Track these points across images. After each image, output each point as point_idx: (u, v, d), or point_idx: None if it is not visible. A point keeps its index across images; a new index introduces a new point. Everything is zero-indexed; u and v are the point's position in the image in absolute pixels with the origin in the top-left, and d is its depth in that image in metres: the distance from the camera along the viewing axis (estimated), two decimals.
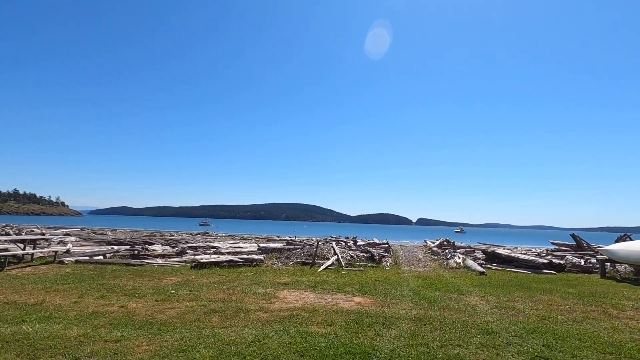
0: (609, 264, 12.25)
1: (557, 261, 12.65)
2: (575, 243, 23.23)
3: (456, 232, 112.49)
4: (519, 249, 29.19)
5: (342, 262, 12.00)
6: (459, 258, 13.78)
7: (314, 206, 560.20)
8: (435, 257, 17.65)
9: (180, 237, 27.13)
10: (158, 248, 14.21)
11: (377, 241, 24.74)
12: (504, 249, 25.90)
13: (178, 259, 12.41)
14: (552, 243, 27.49)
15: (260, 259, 11.71)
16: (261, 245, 16.67)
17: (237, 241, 19.69)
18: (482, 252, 14.50)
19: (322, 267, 11.27)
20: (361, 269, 11.58)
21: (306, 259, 12.61)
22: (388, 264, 13.30)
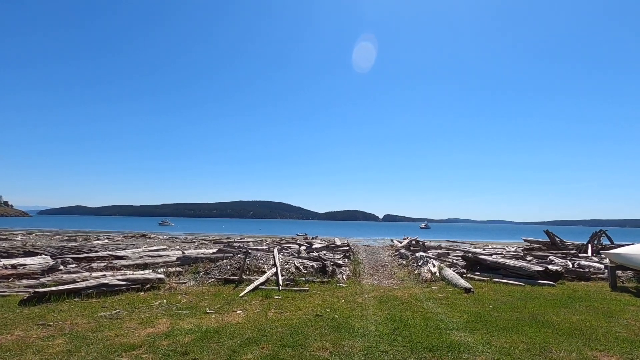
0: (620, 271, 9.78)
1: (554, 268, 10.07)
2: (549, 240, 21.52)
3: (421, 227, 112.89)
4: (490, 247, 27.36)
5: (281, 279, 8.67)
6: (434, 266, 10.90)
7: (282, 203, 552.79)
8: (404, 262, 14.79)
9: (106, 240, 22.68)
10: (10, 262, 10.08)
11: (338, 242, 21.69)
12: (480, 248, 23.83)
13: (44, 279, 8.50)
14: (525, 240, 25.76)
15: (159, 279, 8.12)
16: (186, 252, 12.99)
17: (157, 248, 15.78)
18: (462, 257, 11.73)
19: (249, 289, 7.88)
20: (305, 288, 8.30)
21: (233, 274, 9.18)
22: (344, 276, 10.14)
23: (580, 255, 17.13)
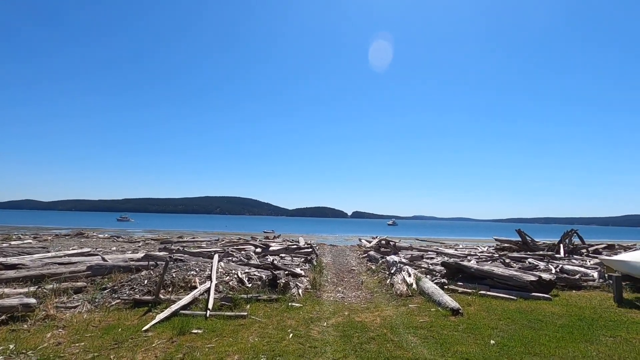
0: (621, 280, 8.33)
1: (547, 277, 8.50)
2: (520, 239, 20.59)
3: (388, 224, 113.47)
4: (461, 246, 26.32)
5: (212, 300, 6.40)
6: (409, 275, 9.04)
7: (251, 199, 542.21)
8: (373, 267, 12.93)
9: (30, 241, 19.20)
10: None
11: (302, 242, 19.53)
12: (452, 248, 22.54)
13: None
14: (496, 239, 24.85)
15: (26, 305, 5.61)
16: (107, 258, 10.36)
17: (73, 252, 12.82)
18: (442, 264, 9.95)
19: (161, 317, 5.57)
20: (243, 313, 6.10)
21: (149, 291, 6.81)
22: (300, 290, 8.02)
23: (557, 256, 16.14)
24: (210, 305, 6.17)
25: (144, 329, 5.18)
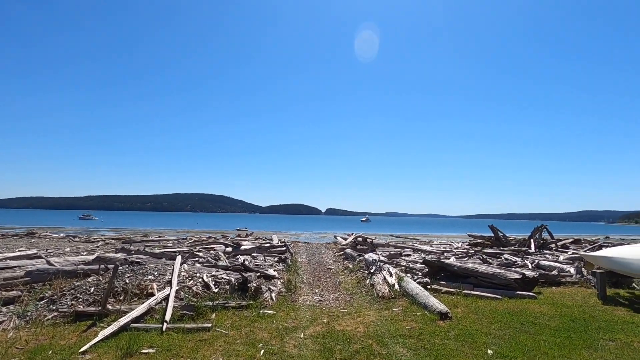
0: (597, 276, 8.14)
1: (531, 274, 8.22)
2: (493, 235, 20.77)
3: (362, 221, 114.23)
4: (436, 242, 26.35)
5: (170, 310, 5.52)
6: (391, 275, 8.49)
7: (223, 197, 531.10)
8: (350, 265, 12.36)
9: None
10: None
11: (275, 240, 18.70)
12: (427, 244, 22.35)
13: None
14: (470, 235, 25.05)
15: None
16: (52, 262, 9.11)
17: (15, 254, 11.33)
18: (424, 262, 9.49)
19: (105, 334, 4.66)
20: (207, 324, 5.27)
21: (95, 301, 5.82)
22: (274, 295, 7.26)
23: (530, 252, 16.25)
24: (167, 317, 5.29)
25: (81, 350, 4.26)
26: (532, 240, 17.99)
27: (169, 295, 6.07)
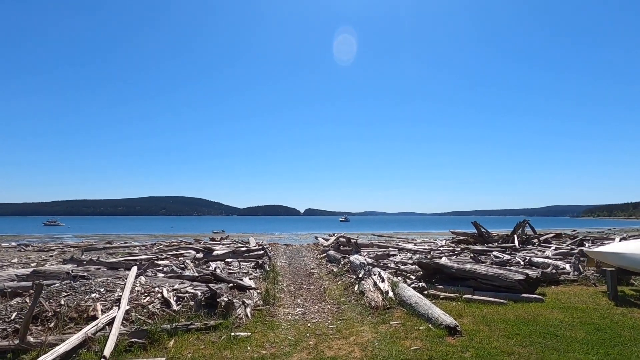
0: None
1: (534, 274, 7.48)
2: (476, 231, 20.40)
3: (341, 220, 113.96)
4: (419, 240, 25.79)
5: (113, 338, 4.31)
6: (382, 280, 7.52)
7: (200, 199, 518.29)
8: (335, 269, 11.34)
9: None
10: None
11: (252, 243, 17.42)
12: (411, 243, 21.68)
13: None
14: (453, 232, 24.65)
15: None
16: None
17: None
18: (419, 265, 8.57)
19: None
20: (161, 357, 4.11)
21: (16, 331, 4.52)
22: (249, 310, 6.12)
23: (518, 248, 15.81)
24: (107, 351, 4.06)
25: None
26: (515, 236, 17.62)
27: (114, 318, 4.83)
